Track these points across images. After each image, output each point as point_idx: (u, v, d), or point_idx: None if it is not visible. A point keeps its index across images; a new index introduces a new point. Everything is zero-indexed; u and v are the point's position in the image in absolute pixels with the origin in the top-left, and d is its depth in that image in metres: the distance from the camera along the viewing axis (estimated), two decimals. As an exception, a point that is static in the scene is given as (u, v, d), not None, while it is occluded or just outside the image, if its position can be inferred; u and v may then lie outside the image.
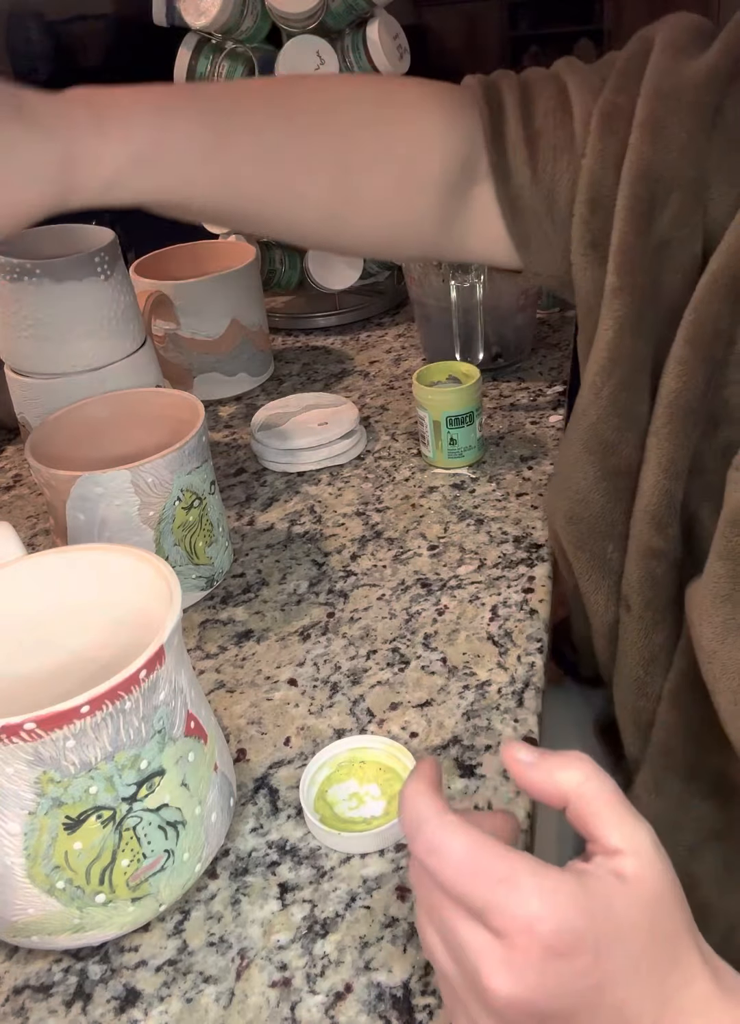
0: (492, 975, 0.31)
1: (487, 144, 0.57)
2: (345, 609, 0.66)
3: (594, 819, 0.34)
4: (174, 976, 0.44)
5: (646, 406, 0.54)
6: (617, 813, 0.34)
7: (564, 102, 0.57)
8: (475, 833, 0.33)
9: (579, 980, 0.31)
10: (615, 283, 0.53)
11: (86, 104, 0.51)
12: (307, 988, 0.43)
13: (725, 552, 0.46)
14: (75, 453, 0.65)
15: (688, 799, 0.56)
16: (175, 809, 0.43)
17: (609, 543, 0.58)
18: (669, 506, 0.53)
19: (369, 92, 0.60)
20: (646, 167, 0.51)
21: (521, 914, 0.31)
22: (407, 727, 0.56)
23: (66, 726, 0.38)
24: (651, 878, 0.33)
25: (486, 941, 0.32)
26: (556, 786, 0.35)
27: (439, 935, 0.34)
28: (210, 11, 0.93)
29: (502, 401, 0.90)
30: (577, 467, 0.57)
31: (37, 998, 0.44)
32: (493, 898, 0.32)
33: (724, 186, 0.51)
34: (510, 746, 0.36)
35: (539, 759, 0.35)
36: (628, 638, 0.58)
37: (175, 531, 0.64)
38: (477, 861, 0.32)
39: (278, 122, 0.56)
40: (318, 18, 0.97)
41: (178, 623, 0.42)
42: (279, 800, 0.52)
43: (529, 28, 4.59)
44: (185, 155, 0.53)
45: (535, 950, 0.31)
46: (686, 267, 0.52)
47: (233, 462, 0.86)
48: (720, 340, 0.50)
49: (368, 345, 1.06)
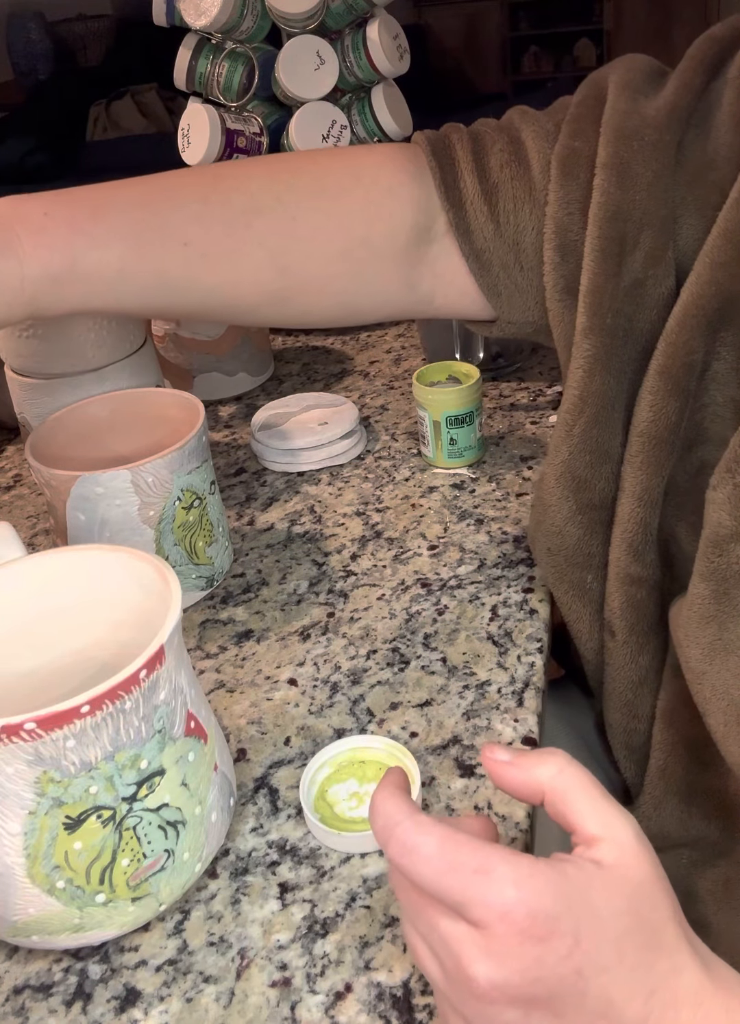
0: (473, 963, 0.32)
1: (443, 202, 0.57)
2: (345, 609, 0.66)
3: (571, 810, 0.34)
4: (174, 976, 0.44)
5: (619, 440, 0.54)
6: (594, 802, 0.34)
7: (519, 152, 0.56)
8: (446, 829, 0.33)
9: (560, 964, 0.31)
10: (585, 324, 0.53)
11: (2, 226, 0.51)
12: (307, 988, 0.43)
13: (707, 573, 0.46)
14: (75, 453, 0.65)
15: (688, 819, 0.56)
16: (175, 809, 0.43)
17: (588, 573, 0.58)
18: (645, 533, 0.54)
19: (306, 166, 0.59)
20: (615, 208, 0.51)
21: (497, 902, 0.31)
22: (407, 727, 0.56)
23: (66, 726, 0.38)
24: (632, 865, 0.33)
25: (466, 932, 0.32)
26: (534, 782, 0.35)
27: (422, 938, 0.35)
28: (210, 11, 0.93)
29: (502, 401, 0.90)
30: (552, 502, 0.58)
31: (37, 998, 0.44)
32: (469, 890, 0.32)
33: (692, 218, 0.51)
34: (488, 748, 0.36)
35: (516, 757, 0.35)
36: (615, 663, 0.58)
37: (175, 531, 0.64)
38: (451, 855, 0.32)
39: (205, 213, 0.55)
40: (318, 18, 0.97)
41: (178, 623, 0.42)
42: (279, 800, 0.52)
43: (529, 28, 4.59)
44: (103, 271, 0.53)
45: (513, 936, 0.31)
46: (660, 303, 0.52)
47: (233, 462, 0.86)
48: (692, 370, 0.50)
49: (368, 345, 1.06)
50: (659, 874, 0.34)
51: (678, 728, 0.55)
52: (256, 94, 1.01)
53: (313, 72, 0.98)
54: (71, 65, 3.65)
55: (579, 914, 0.32)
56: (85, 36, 3.83)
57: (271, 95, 1.03)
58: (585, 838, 0.34)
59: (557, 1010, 0.32)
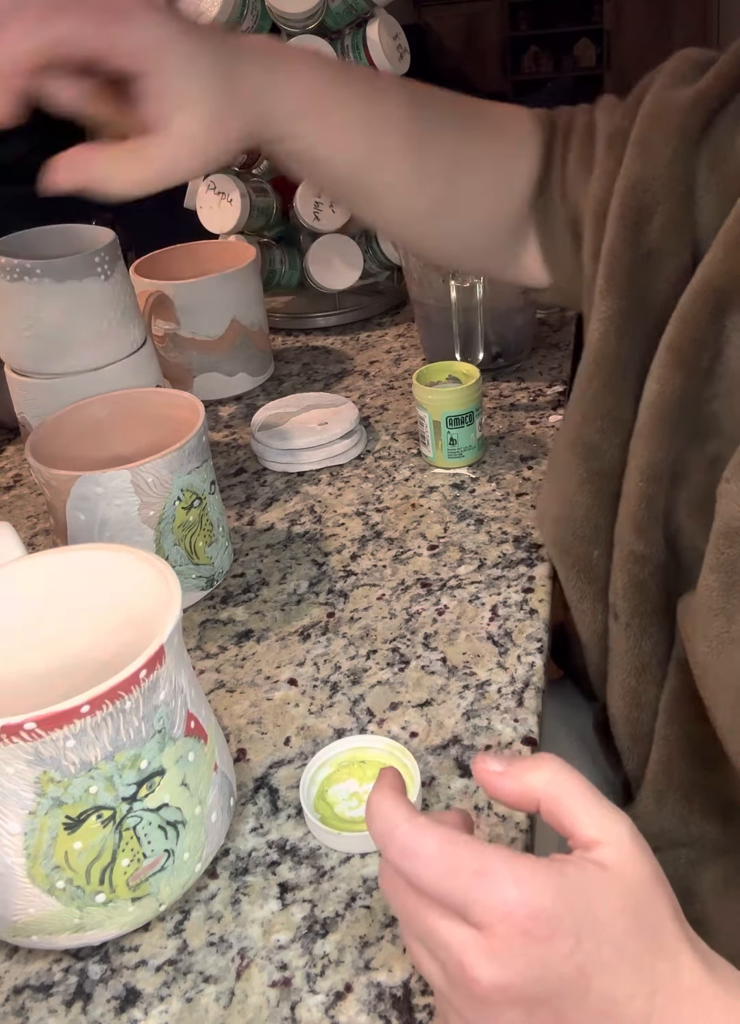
0: (475, 966, 0.32)
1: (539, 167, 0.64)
2: (345, 609, 0.66)
3: (567, 814, 0.34)
4: (174, 976, 0.44)
5: (631, 410, 0.55)
6: (589, 805, 0.34)
7: (590, 126, 0.62)
8: (446, 831, 0.33)
9: (561, 964, 0.31)
10: (602, 286, 0.55)
11: (263, 53, 0.56)
12: (307, 988, 0.43)
13: (717, 565, 0.46)
14: (75, 453, 0.65)
15: (688, 816, 0.56)
16: (175, 809, 0.43)
17: (594, 548, 0.58)
18: (649, 510, 0.54)
19: (472, 104, 0.66)
20: (635, 180, 0.55)
21: (498, 903, 0.31)
22: (407, 727, 0.56)
23: (66, 726, 0.38)
24: (631, 866, 0.33)
25: (467, 935, 0.32)
26: (528, 789, 0.35)
27: (421, 942, 0.35)
28: (210, 11, 0.93)
29: (502, 401, 0.90)
30: (564, 468, 0.59)
31: (37, 998, 0.44)
32: (471, 892, 0.32)
33: (713, 198, 0.53)
34: (480, 759, 0.36)
35: (508, 766, 0.35)
36: (618, 648, 0.58)
37: (175, 531, 0.64)
38: (451, 858, 0.32)
39: (416, 106, 0.62)
40: (318, 18, 0.97)
41: (178, 623, 0.42)
42: (279, 800, 0.52)
43: (529, 28, 4.60)
44: (346, 109, 0.59)
45: (515, 936, 0.31)
46: (674, 276, 0.54)
47: (233, 462, 0.86)
48: (701, 347, 0.51)
49: (368, 345, 1.06)
50: (658, 874, 0.34)
51: (681, 724, 0.55)
52: (256, 94, 1.01)
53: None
54: (71, 65, 3.64)
55: (579, 914, 0.32)
56: (85, 36, 3.82)
57: (271, 95, 1.03)
58: (582, 842, 0.34)
59: (559, 1009, 0.32)
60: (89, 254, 0.70)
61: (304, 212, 1.02)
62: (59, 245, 0.72)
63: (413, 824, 0.33)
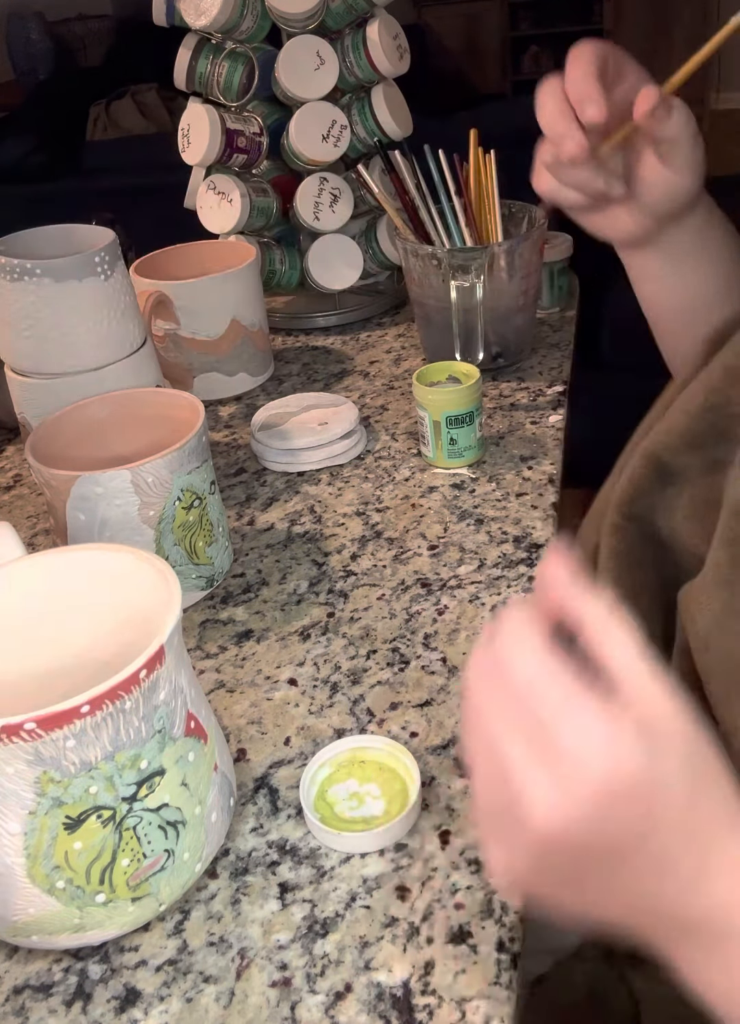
0: (539, 803, 0.32)
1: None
2: (345, 609, 0.66)
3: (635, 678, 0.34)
4: (174, 976, 0.44)
5: None
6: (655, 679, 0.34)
7: None
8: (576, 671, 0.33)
9: (628, 826, 0.32)
10: None
11: None
12: (307, 988, 0.43)
13: (728, 540, 0.47)
14: (75, 453, 0.65)
15: None
16: (175, 809, 0.43)
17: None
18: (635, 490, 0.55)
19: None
20: None
21: (584, 749, 0.31)
22: (407, 727, 0.56)
23: (66, 726, 0.38)
24: (701, 751, 0.33)
25: (541, 771, 0.32)
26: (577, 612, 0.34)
27: (489, 750, 0.34)
28: (210, 11, 0.93)
29: (502, 401, 0.90)
30: None
31: (37, 998, 0.44)
32: (559, 715, 0.32)
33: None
34: (552, 563, 0.35)
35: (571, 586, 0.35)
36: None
37: (175, 531, 0.64)
38: (557, 675, 0.32)
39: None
40: (318, 18, 0.97)
41: (178, 623, 0.42)
42: (279, 800, 0.52)
43: (529, 28, 4.60)
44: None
45: (587, 785, 0.31)
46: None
47: (233, 462, 0.86)
48: None
49: (368, 345, 1.06)
50: (720, 757, 0.34)
51: None
52: (256, 94, 1.01)
53: (313, 72, 0.98)
54: (71, 65, 3.64)
55: (655, 784, 0.32)
56: (85, 36, 3.83)
57: (271, 95, 1.03)
58: (651, 708, 0.33)
59: (610, 865, 0.33)
60: (89, 254, 0.70)
61: (304, 212, 1.02)
62: (59, 245, 0.72)
63: (546, 639, 0.33)
